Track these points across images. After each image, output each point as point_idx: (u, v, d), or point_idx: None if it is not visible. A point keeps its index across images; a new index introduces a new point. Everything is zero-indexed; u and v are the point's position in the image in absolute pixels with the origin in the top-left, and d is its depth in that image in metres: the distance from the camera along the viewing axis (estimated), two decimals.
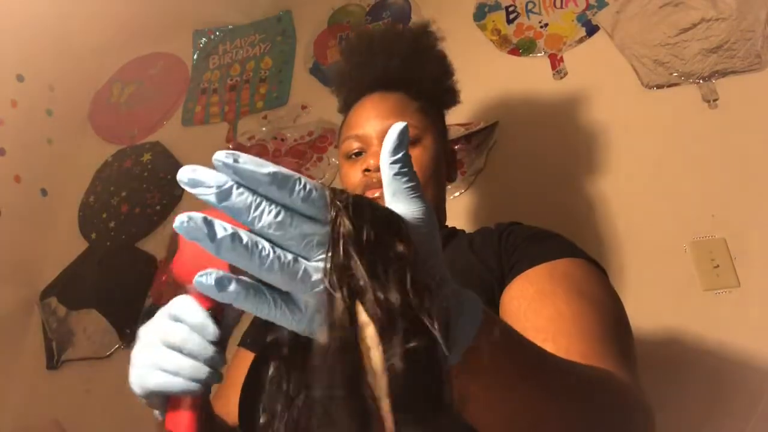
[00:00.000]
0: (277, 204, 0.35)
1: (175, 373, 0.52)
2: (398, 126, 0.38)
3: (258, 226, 0.35)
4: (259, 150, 1.73)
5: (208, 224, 0.34)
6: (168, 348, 0.53)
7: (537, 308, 0.65)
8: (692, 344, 1.11)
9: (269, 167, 0.35)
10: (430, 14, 1.70)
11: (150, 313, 0.57)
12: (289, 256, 0.35)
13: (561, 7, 1.54)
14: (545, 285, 0.68)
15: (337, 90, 1.12)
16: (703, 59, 1.31)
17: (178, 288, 0.56)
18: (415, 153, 0.93)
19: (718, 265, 1.15)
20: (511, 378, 0.41)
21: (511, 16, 1.59)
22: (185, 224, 0.34)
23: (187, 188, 0.36)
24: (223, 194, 0.35)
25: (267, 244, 0.34)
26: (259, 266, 0.34)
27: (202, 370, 0.52)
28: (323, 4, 1.88)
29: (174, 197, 1.78)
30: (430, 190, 0.94)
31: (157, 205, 1.79)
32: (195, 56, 2.02)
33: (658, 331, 1.13)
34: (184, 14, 1.99)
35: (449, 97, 1.10)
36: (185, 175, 0.36)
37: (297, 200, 0.35)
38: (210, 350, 0.53)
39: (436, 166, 0.95)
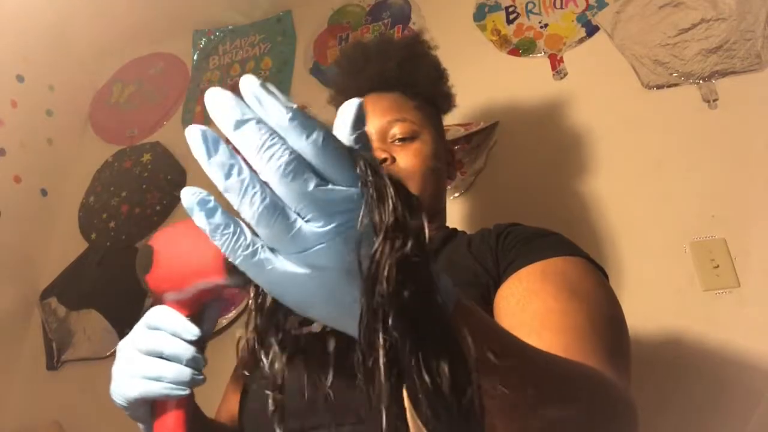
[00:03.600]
0: (292, 152, 0.32)
1: (158, 378, 0.52)
2: (354, 101, 0.36)
3: (265, 166, 0.32)
4: None
5: (215, 142, 0.33)
6: (148, 355, 0.53)
7: (525, 304, 0.65)
8: (692, 344, 1.11)
9: (294, 106, 0.33)
10: (430, 15, 1.71)
11: None
12: (289, 212, 0.33)
13: (561, 8, 1.54)
14: (536, 282, 0.68)
15: (333, 98, 1.13)
16: (703, 59, 1.31)
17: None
18: (414, 147, 0.94)
19: (718, 266, 1.15)
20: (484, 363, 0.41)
21: (511, 17, 1.59)
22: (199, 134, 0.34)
23: (209, 107, 0.34)
24: (240, 123, 0.33)
25: (267, 191, 0.33)
26: (249, 208, 0.32)
27: (185, 372, 0.52)
28: (323, 4, 1.88)
29: (174, 197, 1.78)
30: (430, 184, 0.95)
31: (157, 206, 1.79)
32: (195, 56, 2.02)
33: (658, 332, 1.13)
34: (184, 15, 1.99)
35: (444, 101, 1.10)
36: (213, 94, 0.34)
37: (317, 151, 0.33)
38: (191, 351, 0.53)
39: (435, 161, 0.96)
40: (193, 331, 0.53)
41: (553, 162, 1.38)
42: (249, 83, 0.34)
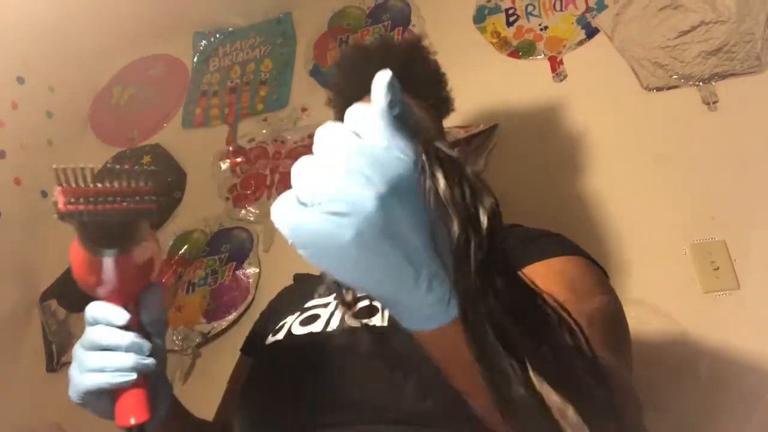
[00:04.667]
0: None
1: (101, 369, 0.54)
2: (385, 74, 0.36)
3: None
4: (259, 152, 1.73)
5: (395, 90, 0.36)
6: (89, 350, 0.55)
7: None
8: (692, 346, 1.11)
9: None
10: (429, 17, 1.71)
11: None
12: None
13: (561, 10, 1.54)
14: (537, 281, 0.68)
15: (332, 100, 1.13)
16: (703, 62, 1.31)
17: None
18: None
19: (718, 267, 1.15)
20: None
21: (511, 19, 1.59)
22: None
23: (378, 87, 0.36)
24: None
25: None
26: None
27: (127, 359, 0.54)
28: (323, 6, 1.88)
29: (174, 199, 1.78)
30: None
31: None
32: (195, 58, 2.02)
33: (659, 333, 1.13)
34: (184, 16, 1.99)
35: (444, 105, 1.11)
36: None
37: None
38: (128, 337, 0.55)
39: None
40: (123, 316, 0.55)
41: (553, 164, 1.38)
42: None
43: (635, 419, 0.54)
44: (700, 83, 1.31)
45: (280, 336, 0.77)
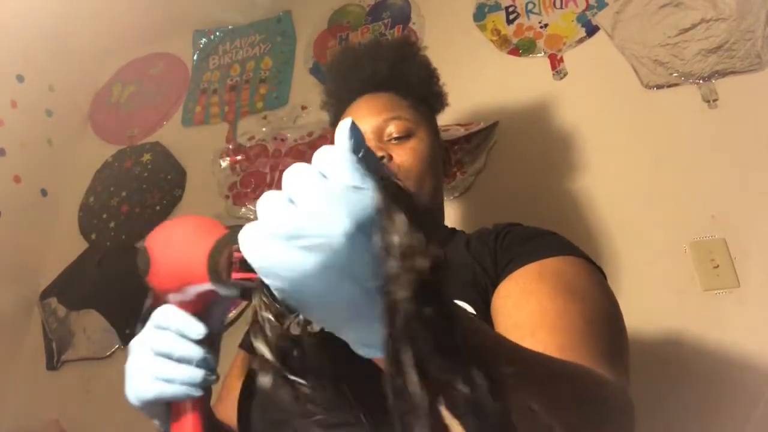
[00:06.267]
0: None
1: (170, 381, 0.53)
2: (347, 121, 0.38)
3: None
4: (259, 150, 1.73)
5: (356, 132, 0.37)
6: (158, 356, 0.54)
7: (521, 304, 0.65)
8: (692, 344, 1.11)
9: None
10: (429, 15, 1.71)
11: (149, 314, 0.57)
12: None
13: (561, 8, 1.54)
14: (532, 282, 0.68)
15: (327, 104, 1.14)
16: (703, 59, 1.31)
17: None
18: (411, 145, 0.95)
19: (718, 266, 1.15)
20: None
21: (511, 17, 1.59)
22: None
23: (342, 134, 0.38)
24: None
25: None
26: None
27: (196, 374, 0.53)
28: (323, 4, 1.88)
29: (174, 197, 1.78)
30: (429, 180, 0.95)
31: (157, 206, 1.79)
32: (195, 57, 2.02)
33: (659, 332, 1.13)
34: (184, 15, 1.99)
35: (437, 100, 1.11)
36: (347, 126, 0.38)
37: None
38: (199, 352, 0.53)
39: (432, 157, 0.97)
40: (199, 330, 0.53)
41: (553, 162, 1.38)
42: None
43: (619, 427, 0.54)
44: (701, 81, 1.30)
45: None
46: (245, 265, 0.44)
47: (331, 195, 0.35)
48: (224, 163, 1.75)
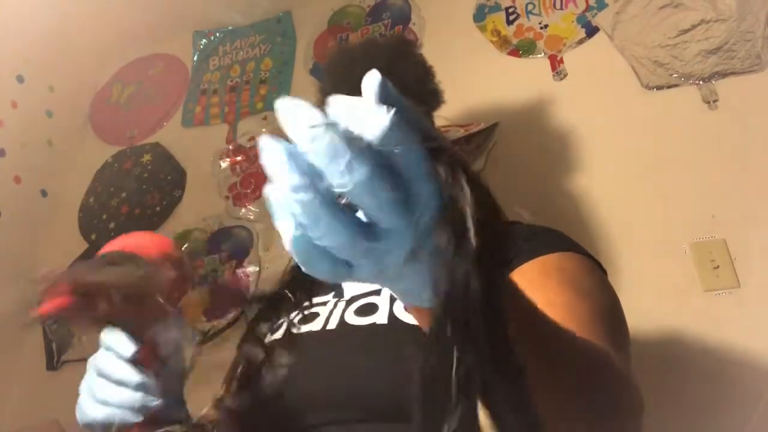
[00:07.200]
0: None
1: (104, 403, 0.52)
2: (373, 74, 0.31)
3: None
4: (259, 151, 1.72)
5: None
6: (99, 376, 0.54)
7: None
8: (692, 345, 1.11)
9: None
10: (429, 15, 1.71)
11: None
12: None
13: (561, 9, 1.54)
14: (537, 277, 0.68)
15: (323, 104, 1.13)
16: (703, 60, 1.31)
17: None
18: None
19: (718, 266, 1.15)
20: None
21: (511, 17, 1.59)
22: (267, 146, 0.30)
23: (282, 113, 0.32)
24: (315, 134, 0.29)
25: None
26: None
27: (134, 397, 0.52)
28: (323, 5, 1.88)
29: (174, 198, 1.78)
30: None
31: (157, 206, 1.79)
32: (195, 57, 2.02)
33: (659, 332, 1.13)
34: (184, 15, 1.99)
35: (433, 98, 1.10)
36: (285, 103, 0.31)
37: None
38: (136, 377, 0.52)
39: None
40: (129, 348, 0.52)
41: (553, 163, 1.38)
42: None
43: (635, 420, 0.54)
44: (701, 82, 1.30)
45: (279, 335, 0.77)
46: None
47: (395, 207, 0.29)
48: (224, 163, 1.75)
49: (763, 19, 1.28)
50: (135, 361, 0.53)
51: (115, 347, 0.53)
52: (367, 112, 0.29)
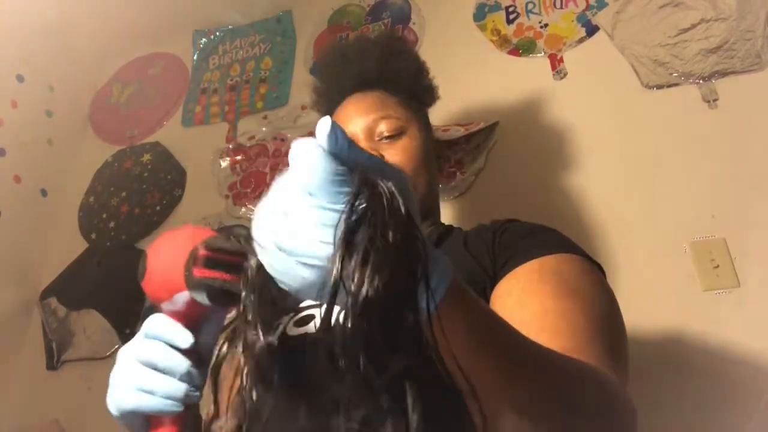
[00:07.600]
0: None
1: (151, 392, 0.51)
2: (325, 120, 0.40)
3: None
4: (259, 150, 1.72)
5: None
6: (143, 365, 0.52)
7: (522, 304, 0.65)
8: (692, 344, 1.11)
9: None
10: (429, 15, 1.71)
11: (149, 314, 0.57)
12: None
13: (561, 8, 1.54)
14: (533, 282, 0.68)
15: (317, 103, 1.13)
16: (703, 59, 1.31)
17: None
18: (402, 143, 0.94)
19: (718, 266, 1.15)
20: (475, 346, 0.42)
21: (511, 17, 1.59)
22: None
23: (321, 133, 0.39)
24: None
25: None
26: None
27: (179, 387, 0.51)
28: (323, 4, 1.87)
29: (174, 197, 1.78)
30: (422, 177, 0.95)
31: (157, 206, 1.79)
32: (195, 56, 2.02)
33: (658, 332, 1.13)
34: (184, 15, 1.99)
35: (427, 94, 1.10)
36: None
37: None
38: (185, 364, 0.52)
39: (425, 154, 0.97)
40: (187, 339, 0.52)
41: (553, 162, 1.38)
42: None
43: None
44: (701, 81, 1.30)
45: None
46: (211, 263, 0.47)
47: (314, 217, 0.37)
48: (224, 163, 1.74)
49: (763, 19, 1.28)
50: (184, 352, 0.52)
51: (166, 336, 0.52)
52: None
